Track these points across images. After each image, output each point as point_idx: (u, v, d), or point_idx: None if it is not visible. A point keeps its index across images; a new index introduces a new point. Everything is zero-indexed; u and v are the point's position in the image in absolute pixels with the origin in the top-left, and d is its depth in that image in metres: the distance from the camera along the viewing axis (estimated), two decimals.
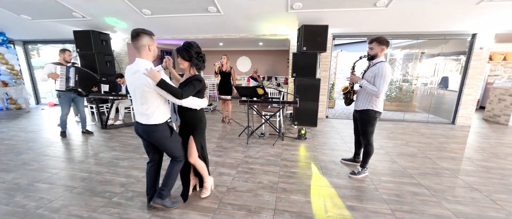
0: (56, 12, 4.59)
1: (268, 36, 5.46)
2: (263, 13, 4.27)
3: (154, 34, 1.75)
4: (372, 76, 2.34)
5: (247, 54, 8.72)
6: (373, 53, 2.38)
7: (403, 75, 7.36)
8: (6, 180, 2.44)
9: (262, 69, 8.57)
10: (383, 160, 3.08)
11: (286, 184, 2.43)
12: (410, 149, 3.52)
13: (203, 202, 2.09)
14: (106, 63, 5.44)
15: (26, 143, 3.62)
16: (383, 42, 2.31)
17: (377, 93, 2.27)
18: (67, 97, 3.76)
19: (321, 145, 3.65)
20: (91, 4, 4.23)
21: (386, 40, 2.32)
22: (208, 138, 3.94)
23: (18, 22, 5.15)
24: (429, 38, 5.08)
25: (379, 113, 2.43)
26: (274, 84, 6.58)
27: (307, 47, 4.39)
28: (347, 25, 4.61)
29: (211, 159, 3.04)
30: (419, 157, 3.23)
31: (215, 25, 4.98)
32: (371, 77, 2.34)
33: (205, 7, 4.13)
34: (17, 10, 4.64)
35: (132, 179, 2.50)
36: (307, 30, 4.32)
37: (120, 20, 4.86)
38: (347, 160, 2.96)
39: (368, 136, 2.48)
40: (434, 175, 2.68)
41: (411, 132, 4.47)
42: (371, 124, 2.44)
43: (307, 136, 4.04)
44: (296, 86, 4.67)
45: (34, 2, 4.21)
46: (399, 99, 6.75)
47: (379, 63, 2.32)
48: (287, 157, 3.15)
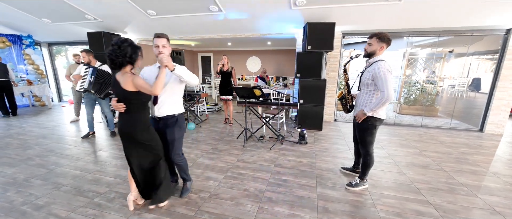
0: (71, 15, 4.84)
1: (274, 35, 5.27)
2: (266, 11, 4.11)
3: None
4: (369, 78, 2.07)
5: (257, 54, 8.59)
6: (370, 50, 2.09)
7: (427, 76, 6.72)
8: (6, 174, 2.57)
9: (272, 69, 8.38)
10: (389, 171, 2.77)
11: (273, 193, 2.26)
12: (423, 159, 3.14)
13: (181, 208, 2.00)
14: None
15: (36, 138, 3.84)
16: (384, 40, 2.02)
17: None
18: (88, 97, 3.82)
19: (322, 151, 3.40)
20: (100, 7, 4.39)
21: (388, 38, 2.03)
22: (206, 139, 3.89)
23: (42, 25, 5.53)
24: (454, 35, 4.54)
25: (380, 120, 2.14)
26: (281, 85, 6.36)
27: (312, 46, 4.14)
28: (356, 22, 4.28)
29: (203, 162, 2.96)
30: (433, 169, 2.86)
31: (219, 25, 4.92)
32: (369, 79, 2.08)
33: (206, 6, 4.07)
34: (38, 14, 4.98)
35: (119, 179, 2.50)
36: (311, 27, 4.07)
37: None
38: (346, 169, 2.70)
39: (367, 146, 2.22)
40: (447, 192, 2.33)
41: (428, 140, 4.02)
42: (370, 133, 2.16)
43: (309, 140, 3.81)
44: (300, 88, 4.44)
45: (51, 6, 4.47)
46: (418, 102, 6.16)
47: (375, 62, 2.04)
48: (282, 162, 2.96)
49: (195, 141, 3.76)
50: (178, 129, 1.97)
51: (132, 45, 1.64)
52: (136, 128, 1.74)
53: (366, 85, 2.10)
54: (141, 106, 1.76)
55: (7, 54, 6.22)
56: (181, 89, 1.99)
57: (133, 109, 1.73)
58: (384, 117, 2.15)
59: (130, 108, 1.72)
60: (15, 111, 5.53)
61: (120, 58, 1.60)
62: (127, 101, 1.69)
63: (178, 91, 1.96)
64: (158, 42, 1.79)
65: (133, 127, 1.74)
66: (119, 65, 1.63)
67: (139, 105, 1.74)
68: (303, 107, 4.43)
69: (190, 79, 1.83)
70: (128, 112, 1.72)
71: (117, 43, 1.60)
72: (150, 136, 1.81)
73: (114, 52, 1.59)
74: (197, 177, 2.56)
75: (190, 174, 2.58)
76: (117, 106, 1.70)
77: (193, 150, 3.37)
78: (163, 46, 1.80)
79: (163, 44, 1.80)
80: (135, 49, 1.66)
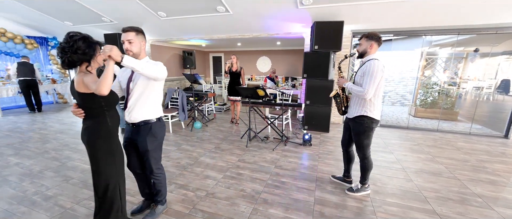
0: (89, 18, 5.13)
1: (282, 35, 5.22)
2: (272, 10, 4.08)
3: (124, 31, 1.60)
4: (361, 76, 2.00)
5: (267, 54, 8.56)
6: (361, 50, 2.05)
7: (449, 78, 6.31)
8: (24, 166, 2.78)
9: (282, 69, 8.30)
10: (395, 177, 2.63)
11: (270, 194, 2.24)
12: (435, 166, 2.94)
13: (176, 205, 2.05)
14: None
15: (55, 133, 4.12)
16: (373, 38, 1.98)
17: (363, 94, 1.92)
18: None
19: (326, 153, 3.31)
20: (115, 9, 4.61)
21: (377, 36, 1.98)
22: (210, 138, 3.94)
23: (65, 28, 5.91)
24: (476, 33, 4.21)
25: (376, 121, 2.05)
26: (289, 85, 6.28)
27: (319, 46, 4.05)
28: (367, 21, 4.12)
29: (204, 160, 3.00)
30: (445, 176, 2.67)
31: (227, 25, 4.97)
32: (360, 77, 2.01)
33: (213, 7, 4.13)
34: (61, 17, 5.33)
35: None
36: (319, 27, 3.98)
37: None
38: (336, 178, 2.55)
39: (364, 149, 2.12)
40: (457, 202, 2.17)
41: (444, 145, 3.77)
42: (366, 135, 2.07)
43: (314, 142, 3.72)
44: (306, 88, 4.35)
45: (72, 9, 4.76)
46: (436, 105, 5.80)
47: (368, 61, 1.98)
48: (282, 164, 2.92)
49: (200, 140, 3.82)
50: (151, 139, 1.65)
51: (85, 39, 1.36)
52: (94, 137, 1.45)
53: (359, 84, 2.02)
54: (100, 111, 1.46)
55: (35, 55, 6.73)
56: (155, 91, 1.65)
57: (91, 115, 1.46)
58: (379, 118, 2.06)
59: (88, 114, 1.45)
60: (40, 107, 5.98)
61: (69, 54, 1.32)
62: (84, 105, 1.44)
63: (150, 93, 1.63)
64: (123, 38, 1.54)
65: (93, 136, 1.45)
66: (69, 63, 1.35)
67: (98, 110, 1.45)
68: (309, 108, 4.35)
69: (148, 71, 1.42)
70: (87, 118, 1.46)
71: (66, 37, 1.34)
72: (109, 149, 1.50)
73: (62, 48, 1.33)
74: (196, 175, 2.60)
75: (189, 172, 2.64)
76: (75, 112, 1.44)
77: (196, 148, 3.43)
78: (129, 42, 1.53)
79: (129, 40, 1.53)
80: (90, 43, 1.38)
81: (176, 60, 7.76)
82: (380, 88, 1.96)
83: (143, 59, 1.62)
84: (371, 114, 2.00)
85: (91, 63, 1.41)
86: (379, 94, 1.98)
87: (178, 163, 2.91)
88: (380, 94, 1.99)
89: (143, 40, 1.61)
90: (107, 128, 1.49)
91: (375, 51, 2.01)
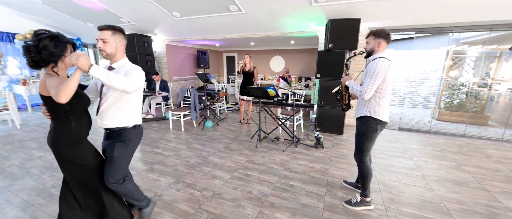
0: (109, 19, 5.35)
1: (296, 33, 5.10)
2: (286, 8, 3.99)
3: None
4: (364, 75, 1.89)
5: (280, 53, 8.44)
6: (368, 48, 1.94)
7: (479, 78, 5.82)
8: (46, 160, 2.95)
9: (296, 69, 8.14)
10: (414, 185, 2.44)
11: (277, 198, 2.17)
12: (460, 175, 2.70)
13: (182, 204, 2.05)
14: (146, 62, 6.08)
15: None
16: (380, 35, 1.85)
17: (361, 94, 1.82)
18: None
19: (339, 156, 3.17)
20: (132, 10, 4.77)
21: (385, 33, 1.85)
22: (220, 137, 3.94)
23: (87, 29, 6.25)
24: (510, 29, 3.82)
25: (382, 123, 1.89)
26: (303, 85, 6.13)
27: (334, 45, 3.89)
28: (385, 18, 3.89)
29: (213, 160, 2.99)
30: (471, 187, 2.43)
31: (240, 24, 4.94)
32: (364, 76, 1.90)
33: (226, 6, 4.12)
34: (84, 19, 5.62)
35: (134, 171, 2.67)
36: (334, 25, 3.82)
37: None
38: (348, 184, 2.41)
39: (362, 152, 1.98)
40: (485, 216, 1.96)
41: (471, 152, 3.45)
42: (368, 137, 1.93)
43: (326, 145, 3.59)
44: (320, 88, 4.21)
45: (93, 12, 5.01)
46: (463, 108, 5.36)
47: (374, 60, 1.85)
48: (292, 166, 2.84)
49: (210, 139, 3.84)
50: (120, 145, 1.51)
51: (53, 37, 1.27)
52: (56, 142, 1.36)
53: (362, 82, 1.90)
54: (64, 115, 1.35)
55: None
56: (133, 98, 1.51)
57: (56, 118, 1.37)
58: (386, 119, 1.90)
59: (53, 117, 1.38)
60: None
61: (33, 53, 1.24)
62: (48, 108, 1.35)
63: (128, 100, 1.49)
64: (98, 36, 1.41)
65: (55, 141, 1.36)
66: (33, 63, 1.27)
67: (62, 114, 1.35)
68: (322, 109, 4.20)
69: (116, 84, 1.24)
70: (53, 121, 1.39)
71: (32, 35, 1.26)
72: (79, 153, 1.42)
73: (26, 47, 1.25)
74: (204, 174, 2.60)
75: (197, 172, 2.65)
76: (44, 113, 1.40)
77: (206, 147, 3.44)
78: (103, 41, 1.40)
79: (103, 39, 1.40)
80: (58, 42, 1.28)
81: (190, 60, 7.89)
82: (386, 89, 1.83)
83: (120, 61, 1.50)
84: (376, 114, 1.87)
85: (58, 64, 1.31)
86: (385, 95, 1.85)
87: (187, 162, 2.93)
88: (387, 94, 1.85)
89: (121, 41, 1.48)
90: (70, 134, 1.37)
91: (383, 49, 1.88)
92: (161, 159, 3.03)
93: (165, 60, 6.76)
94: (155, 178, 2.51)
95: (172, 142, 3.68)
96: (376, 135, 1.92)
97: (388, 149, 3.47)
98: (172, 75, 7.03)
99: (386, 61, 1.78)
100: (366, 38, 1.97)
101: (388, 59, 1.81)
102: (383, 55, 1.85)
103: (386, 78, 1.79)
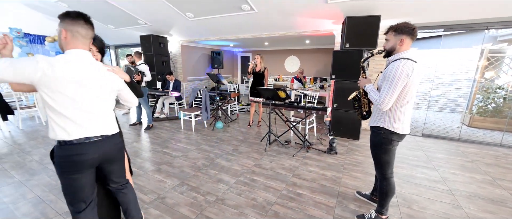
0: (127, 21, 5.56)
1: (311, 33, 4.90)
2: (299, 7, 3.82)
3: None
4: (382, 80, 1.64)
5: (295, 53, 8.21)
6: (388, 47, 1.64)
7: None
8: None
9: (311, 69, 7.88)
10: (439, 200, 2.17)
11: (283, 207, 2.04)
12: (496, 191, 2.36)
13: (184, 209, 2.00)
14: (162, 63, 6.22)
15: None
16: (403, 31, 1.55)
17: (378, 104, 1.57)
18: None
19: (353, 164, 2.95)
20: (148, 12, 4.88)
21: (409, 28, 1.54)
22: (230, 139, 3.88)
23: (108, 31, 6.55)
24: None
25: (399, 136, 1.64)
26: (317, 86, 5.88)
27: (351, 44, 3.65)
28: (409, 14, 3.57)
29: (220, 162, 2.93)
30: (510, 206, 2.11)
31: (253, 24, 4.86)
32: (381, 80, 1.64)
33: (238, 5, 4.05)
34: (105, 21, 5.89)
35: (141, 171, 2.68)
36: (351, 23, 3.59)
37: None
38: (362, 195, 2.20)
39: (383, 167, 1.74)
40: None
41: (509, 164, 3.04)
42: (384, 150, 1.69)
43: (340, 150, 3.37)
44: (335, 90, 3.99)
45: (113, 13, 5.20)
46: (500, 113, 4.79)
47: (394, 61, 1.57)
48: (301, 173, 2.68)
49: (219, 140, 3.79)
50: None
51: None
52: None
53: (380, 88, 1.67)
54: None
55: None
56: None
57: None
58: (404, 132, 1.64)
59: None
60: None
61: None
62: None
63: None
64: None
65: None
66: None
67: None
68: (337, 112, 3.97)
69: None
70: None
71: None
72: None
73: None
74: (209, 178, 2.54)
75: (203, 174, 2.59)
76: None
77: (214, 149, 3.40)
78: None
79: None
80: None
81: (205, 60, 7.97)
82: (406, 96, 1.57)
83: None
84: (391, 126, 1.62)
85: None
86: (405, 104, 1.59)
87: (194, 163, 2.90)
88: (407, 103, 1.59)
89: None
90: None
91: (406, 47, 1.58)
92: (169, 159, 3.03)
93: (180, 60, 6.88)
94: (160, 179, 2.50)
95: (182, 142, 3.69)
96: (393, 147, 1.68)
97: (410, 157, 3.18)
98: (186, 76, 7.13)
99: (410, 63, 1.50)
100: (385, 35, 1.68)
101: (413, 60, 1.53)
102: (406, 55, 1.55)
103: (408, 84, 1.51)
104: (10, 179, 2.48)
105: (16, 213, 1.92)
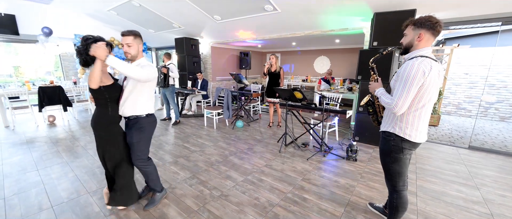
0: (164, 25, 6.11)
1: (338, 31, 4.64)
2: (324, 4, 3.66)
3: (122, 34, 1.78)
4: (395, 80, 1.45)
5: (325, 53, 7.85)
6: (405, 43, 1.46)
7: None
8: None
9: (342, 70, 7.42)
10: None
11: (284, 210, 1.99)
12: None
13: (189, 200, 2.11)
14: (193, 63, 6.65)
15: None
16: (423, 25, 1.36)
17: (391, 108, 1.39)
18: (162, 91, 4.89)
19: (373, 173, 2.70)
20: (180, 16, 5.28)
21: (431, 22, 1.34)
22: (247, 138, 3.93)
23: (150, 34, 7.29)
24: None
25: (411, 144, 1.44)
26: (346, 88, 5.50)
27: (379, 42, 3.36)
28: (454, 6, 3.09)
29: (232, 160, 3.01)
30: None
31: (277, 24, 4.83)
32: (394, 81, 1.46)
33: (261, 6, 4.09)
34: (146, 25, 6.57)
35: (160, 162, 2.92)
36: (380, 19, 3.29)
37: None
38: (374, 208, 1.99)
39: (393, 178, 1.55)
40: None
41: None
42: (394, 159, 1.50)
43: (361, 158, 3.12)
44: (360, 92, 3.70)
45: (151, 19, 5.78)
46: None
47: (410, 59, 1.39)
48: (312, 177, 2.57)
49: (237, 139, 3.88)
50: (137, 132, 1.81)
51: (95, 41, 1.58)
52: (96, 123, 1.75)
53: (393, 90, 1.47)
54: (103, 102, 1.72)
55: None
56: (145, 90, 1.79)
57: (98, 104, 1.74)
58: (418, 140, 1.43)
59: (96, 103, 1.75)
60: None
61: (83, 55, 1.58)
62: (94, 96, 1.72)
63: (140, 91, 1.77)
64: (122, 41, 1.73)
65: (94, 122, 1.75)
66: (85, 62, 1.61)
67: (102, 101, 1.72)
68: (362, 116, 3.68)
69: (129, 72, 1.56)
70: (96, 106, 1.76)
71: (81, 41, 1.60)
72: (109, 133, 1.77)
73: (78, 50, 1.60)
74: (219, 173, 2.63)
75: (214, 170, 2.70)
76: (91, 99, 1.84)
77: (230, 147, 3.49)
78: (128, 45, 1.72)
79: (128, 44, 1.72)
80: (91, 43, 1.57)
81: (233, 61, 8.22)
82: (422, 100, 1.38)
83: (139, 60, 1.80)
84: (402, 132, 1.44)
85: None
86: (420, 108, 1.40)
87: (208, 159, 3.04)
88: (422, 107, 1.41)
89: (140, 43, 1.79)
90: (107, 117, 1.76)
91: (426, 44, 1.39)
92: (187, 153, 3.23)
93: (210, 61, 7.24)
94: (175, 171, 2.69)
95: (202, 138, 3.89)
96: (404, 156, 1.49)
97: (446, 172, 2.76)
98: (215, 76, 7.47)
99: (427, 61, 1.33)
100: (404, 30, 1.51)
101: (432, 58, 1.36)
102: (423, 53, 1.38)
103: (425, 84, 1.34)
104: (60, 159, 2.98)
105: (58, 188, 2.31)
